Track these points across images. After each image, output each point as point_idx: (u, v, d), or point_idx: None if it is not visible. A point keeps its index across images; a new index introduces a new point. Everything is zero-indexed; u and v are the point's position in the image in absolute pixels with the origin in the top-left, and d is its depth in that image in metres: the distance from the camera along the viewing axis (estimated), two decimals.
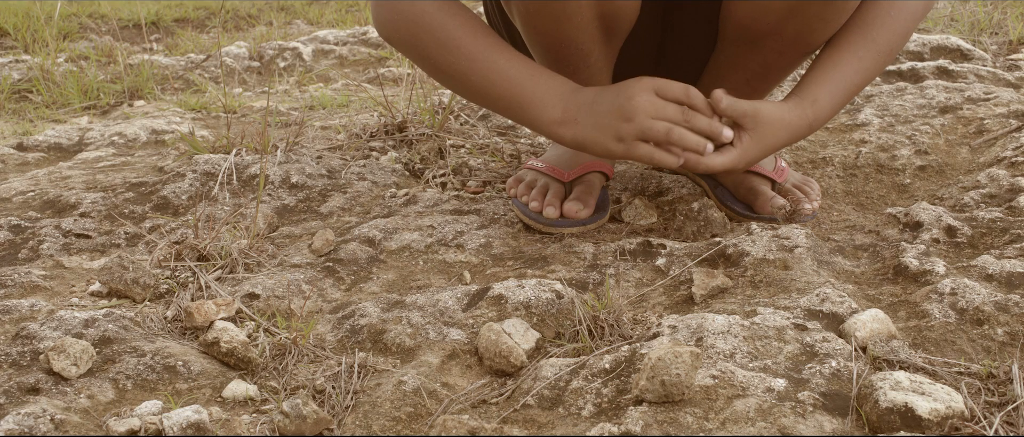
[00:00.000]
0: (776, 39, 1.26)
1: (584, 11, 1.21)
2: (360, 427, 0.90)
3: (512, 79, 1.21)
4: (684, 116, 1.15)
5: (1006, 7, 2.74)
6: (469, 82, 1.23)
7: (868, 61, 1.28)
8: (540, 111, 1.20)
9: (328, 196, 1.53)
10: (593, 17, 1.23)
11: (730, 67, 1.36)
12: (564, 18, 1.22)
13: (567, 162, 1.43)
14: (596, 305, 1.06)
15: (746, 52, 1.31)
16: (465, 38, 1.22)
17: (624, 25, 1.27)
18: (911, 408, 0.81)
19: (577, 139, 1.19)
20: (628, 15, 1.26)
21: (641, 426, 0.83)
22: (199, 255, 1.26)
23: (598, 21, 1.24)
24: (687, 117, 1.15)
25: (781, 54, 1.29)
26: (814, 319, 1.01)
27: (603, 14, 1.23)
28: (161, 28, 3.69)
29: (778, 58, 1.30)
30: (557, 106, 1.20)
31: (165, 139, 1.98)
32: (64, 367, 0.95)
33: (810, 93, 1.25)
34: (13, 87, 2.59)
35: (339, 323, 1.10)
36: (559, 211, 1.35)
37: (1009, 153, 1.53)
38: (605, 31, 1.26)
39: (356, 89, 2.61)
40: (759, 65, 1.33)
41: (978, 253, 1.19)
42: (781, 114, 1.22)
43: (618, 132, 1.15)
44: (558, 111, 1.19)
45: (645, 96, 1.15)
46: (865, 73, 1.29)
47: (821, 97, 1.25)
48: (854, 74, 1.27)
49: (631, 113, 1.14)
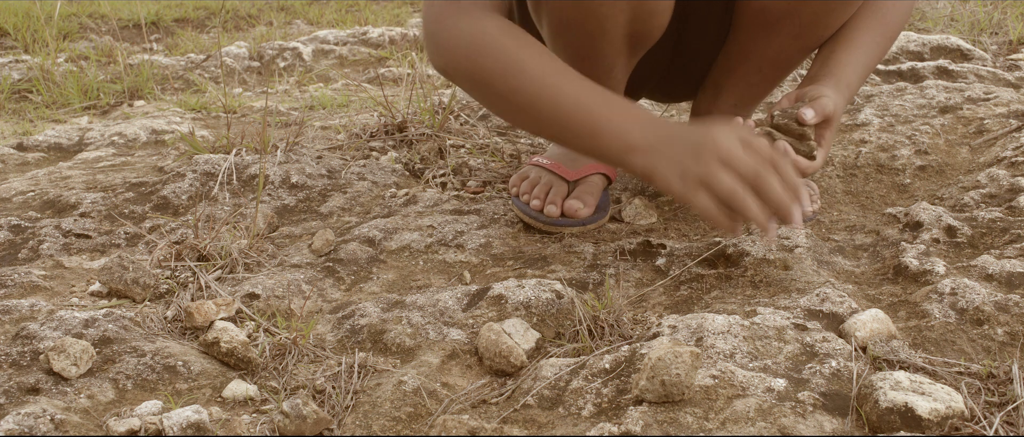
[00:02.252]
0: (793, 22, 1.26)
1: (618, 28, 1.21)
2: (360, 427, 0.90)
3: (585, 104, 1.12)
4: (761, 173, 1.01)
5: (1006, 7, 2.74)
6: (536, 108, 1.14)
7: (882, 40, 1.30)
8: (614, 138, 1.11)
9: (328, 196, 1.53)
10: (625, 34, 1.23)
11: (742, 57, 1.36)
12: (598, 34, 1.21)
13: (572, 161, 1.43)
14: (596, 305, 1.06)
15: (761, 38, 1.31)
16: (532, 62, 1.15)
17: (652, 40, 1.28)
18: (911, 408, 0.81)
19: (647, 167, 1.09)
20: (658, 32, 1.26)
21: (641, 426, 0.83)
22: (199, 255, 1.26)
23: (628, 38, 1.24)
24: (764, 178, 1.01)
25: (797, 38, 1.29)
26: (814, 319, 1.01)
27: (635, 32, 1.23)
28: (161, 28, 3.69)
29: (793, 43, 1.30)
30: (635, 133, 1.10)
31: (165, 139, 1.98)
32: (64, 367, 0.95)
33: (843, 76, 1.24)
34: (13, 87, 2.59)
35: (339, 323, 1.10)
36: (560, 210, 1.34)
37: (1009, 153, 1.53)
38: (632, 46, 1.27)
39: (356, 89, 2.61)
40: (774, 52, 1.33)
41: (978, 253, 1.19)
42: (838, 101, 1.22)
43: (684, 169, 1.04)
44: (635, 138, 1.10)
45: (725, 140, 1.03)
46: (880, 52, 1.30)
47: (851, 79, 1.26)
48: (872, 54, 1.29)
49: (702, 152, 1.03)
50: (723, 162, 1.02)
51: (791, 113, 1.18)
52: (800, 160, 1.18)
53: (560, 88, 1.13)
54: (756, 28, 1.30)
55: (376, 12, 3.89)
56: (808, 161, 1.18)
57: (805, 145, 1.19)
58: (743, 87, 1.42)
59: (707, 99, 1.47)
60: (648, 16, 1.21)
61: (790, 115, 1.18)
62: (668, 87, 1.54)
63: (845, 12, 1.25)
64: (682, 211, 1.43)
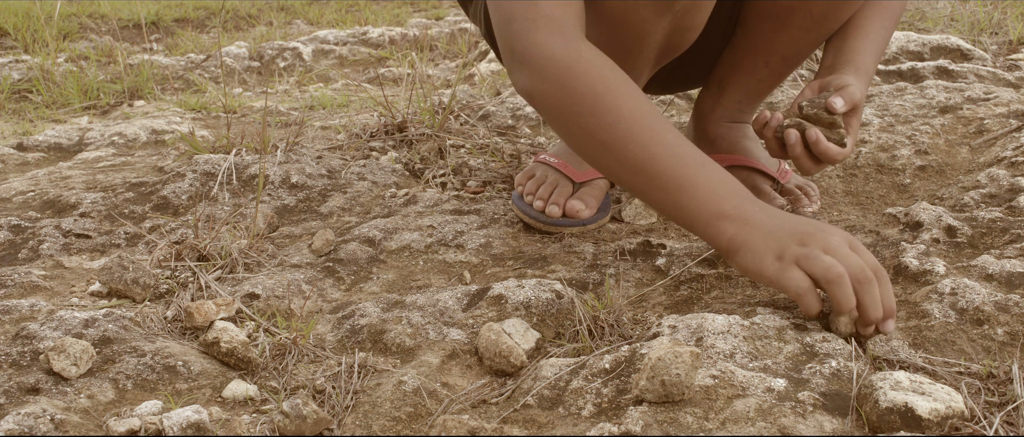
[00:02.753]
0: (804, 15, 1.26)
1: (656, 43, 1.20)
2: (360, 427, 0.90)
3: (680, 157, 1.04)
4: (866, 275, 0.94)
5: (1006, 7, 2.74)
6: (624, 150, 1.05)
7: (888, 26, 1.31)
8: (705, 200, 1.02)
9: (328, 196, 1.53)
10: (660, 48, 1.23)
11: (750, 51, 1.36)
12: (636, 50, 1.20)
13: (579, 161, 1.42)
14: (596, 305, 1.06)
15: (771, 31, 1.31)
16: (628, 100, 1.05)
17: (679, 53, 1.27)
18: (911, 408, 0.81)
19: (737, 238, 1.00)
20: (687, 46, 1.26)
21: (641, 426, 0.83)
22: (199, 255, 1.26)
23: (661, 50, 1.24)
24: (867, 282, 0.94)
25: (807, 31, 1.29)
26: (814, 319, 1.01)
27: (669, 46, 1.23)
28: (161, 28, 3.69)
29: (804, 36, 1.30)
30: (730, 201, 1.02)
31: (165, 139, 1.98)
32: (64, 367, 0.95)
33: (862, 63, 1.24)
34: (13, 87, 2.59)
35: (339, 323, 1.10)
36: (562, 210, 1.34)
37: (1009, 153, 1.53)
38: (661, 58, 1.27)
39: (356, 89, 2.61)
40: (783, 46, 1.33)
41: (978, 253, 1.19)
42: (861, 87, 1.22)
43: (783, 250, 0.97)
44: (729, 206, 1.02)
45: (836, 236, 0.97)
46: (886, 40, 1.32)
47: (869, 65, 1.26)
48: (881, 42, 1.30)
49: (808, 239, 0.97)
50: (826, 250, 0.96)
51: (820, 102, 1.19)
52: (833, 148, 1.18)
53: (656, 134, 1.04)
54: (766, 21, 1.30)
55: (376, 12, 3.89)
56: (840, 148, 1.19)
57: (836, 133, 1.20)
58: (748, 82, 1.42)
59: (711, 96, 1.47)
60: (685, 31, 1.21)
61: (819, 104, 1.19)
62: (668, 81, 1.54)
63: (855, 4, 1.25)
64: None
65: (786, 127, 1.20)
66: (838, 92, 1.18)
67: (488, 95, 2.31)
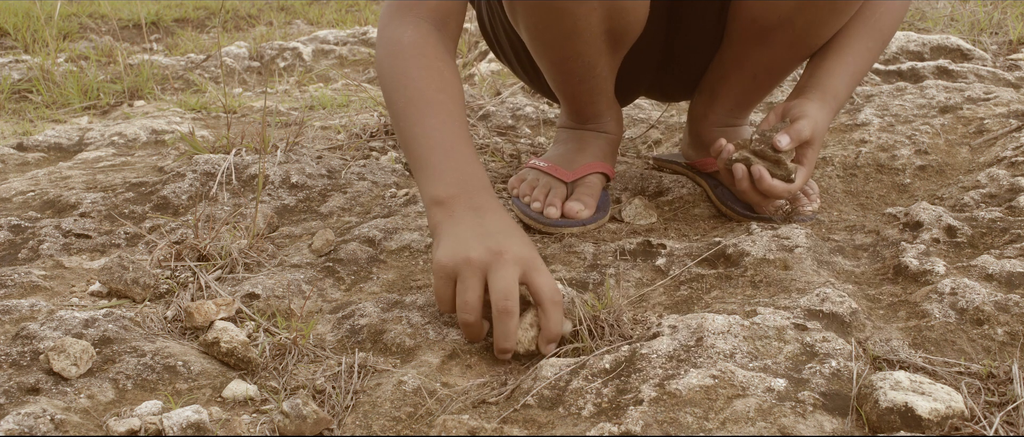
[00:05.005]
0: (786, 32, 1.26)
1: (593, 27, 1.21)
2: (360, 427, 0.90)
3: (428, 140, 1.12)
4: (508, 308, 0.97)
5: (1006, 7, 2.74)
6: (399, 126, 1.16)
7: (875, 45, 1.30)
8: (428, 181, 1.09)
9: (328, 196, 1.53)
10: (601, 32, 1.23)
11: (736, 65, 1.37)
12: (573, 34, 1.22)
13: (569, 162, 1.43)
14: (596, 305, 1.06)
15: (755, 47, 1.31)
16: (417, 81, 1.15)
17: (630, 37, 1.28)
18: (911, 408, 0.81)
19: (437, 223, 1.07)
20: (635, 29, 1.26)
21: (641, 426, 0.83)
22: (199, 255, 1.26)
23: (606, 35, 1.24)
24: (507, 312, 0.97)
25: (790, 48, 1.29)
26: (814, 319, 1.01)
27: (611, 29, 1.23)
28: (161, 28, 3.69)
29: (787, 52, 1.30)
30: (449, 190, 1.08)
31: (165, 139, 1.98)
32: (64, 367, 0.95)
33: (830, 87, 1.27)
34: (13, 87, 2.59)
35: (339, 323, 1.10)
36: (560, 211, 1.35)
37: (1009, 153, 1.53)
38: (611, 44, 1.27)
39: (356, 89, 2.61)
40: (768, 61, 1.33)
41: (978, 253, 1.19)
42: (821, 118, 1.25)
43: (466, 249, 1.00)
44: (443, 193, 1.08)
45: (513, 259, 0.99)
46: (872, 57, 1.31)
47: (839, 89, 1.28)
48: (864, 61, 1.30)
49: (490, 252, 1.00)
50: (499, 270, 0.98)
51: (768, 138, 1.24)
52: (776, 184, 1.24)
53: (420, 114, 1.13)
54: (749, 37, 1.31)
55: (376, 12, 3.89)
56: (783, 185, 1.24)
57: (782, 169, 1.24)
58: (738, 93, 1.43)
59: (703, 102, 1.48)
60: (621, 13, 1.22)
61: (767, 140, 1.24)
62: (664, 87, 1.55)
63: (838, 21, 1.25)
64: (682, 211, 1.43)
65: (734, 161, 1.25)
66: (791, 124, 1.23)
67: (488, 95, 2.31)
